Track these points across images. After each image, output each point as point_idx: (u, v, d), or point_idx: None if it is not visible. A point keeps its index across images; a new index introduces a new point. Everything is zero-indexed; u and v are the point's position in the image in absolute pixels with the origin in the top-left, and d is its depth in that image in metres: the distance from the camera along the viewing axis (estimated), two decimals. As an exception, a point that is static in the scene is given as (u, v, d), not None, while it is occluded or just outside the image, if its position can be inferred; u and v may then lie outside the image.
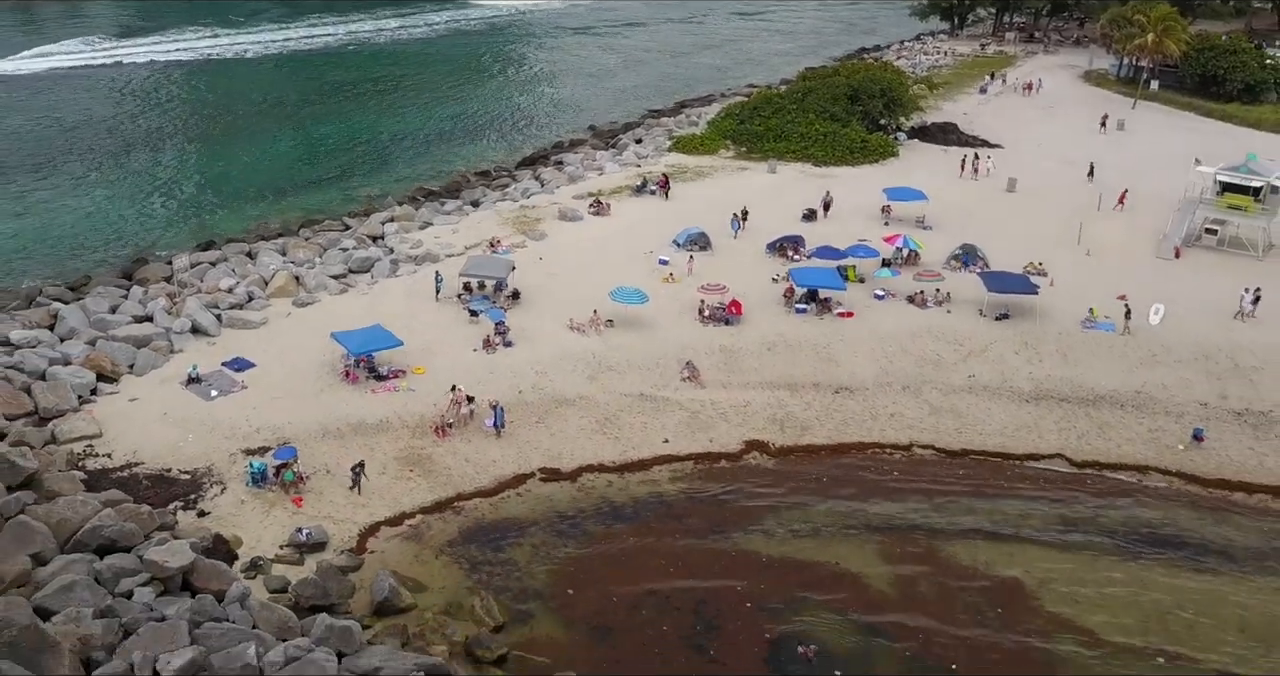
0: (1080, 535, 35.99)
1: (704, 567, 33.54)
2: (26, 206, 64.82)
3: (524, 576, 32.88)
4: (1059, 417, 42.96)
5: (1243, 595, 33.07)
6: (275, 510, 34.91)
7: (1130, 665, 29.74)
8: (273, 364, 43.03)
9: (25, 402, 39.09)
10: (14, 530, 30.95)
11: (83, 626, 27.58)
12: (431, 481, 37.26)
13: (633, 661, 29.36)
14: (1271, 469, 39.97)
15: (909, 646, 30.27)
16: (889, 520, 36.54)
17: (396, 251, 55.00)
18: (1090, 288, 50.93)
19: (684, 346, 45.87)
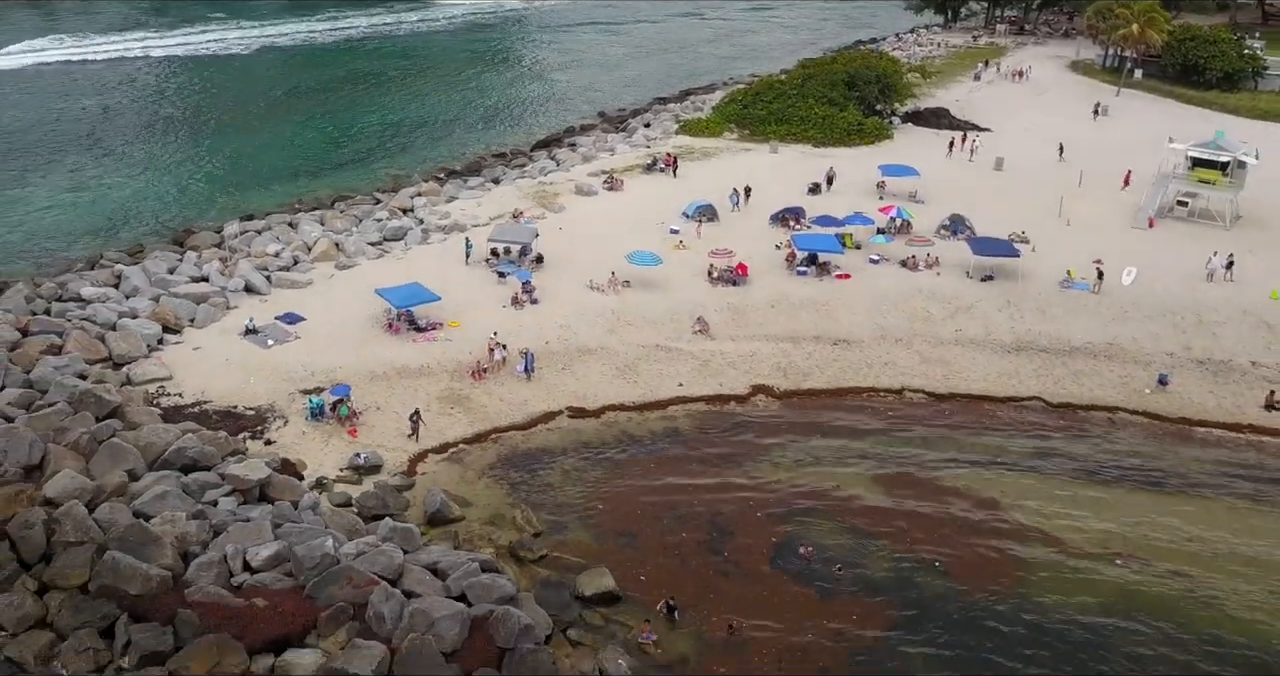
0: (1052, 463, 39.78)
1: (717, 488, 37.33)
2: (80, 183, 68.98)
3: (557, 494, 36.66)
4: (1037, 366, 46.74)
5: (1194, 509, 36.88)
6: (333, 440, 38.69)
7: (1090, 566, 33.49)
8: (321, 318, 46.79)
9: (101, 349, 42.87)
10: (109, 450, 34.74)
11: (178, 526, 31.40)
12: (471, 417, 41.04)
13: (655, 561, 33.12)
14: (1228, 408, 43.76)
15: (898, 548, 34.08)
16: (882, 452, 40.31)
17: (426, 222, 58.76)
18: (1069, 254, 54.59)
19: (695, 304, 49.64)
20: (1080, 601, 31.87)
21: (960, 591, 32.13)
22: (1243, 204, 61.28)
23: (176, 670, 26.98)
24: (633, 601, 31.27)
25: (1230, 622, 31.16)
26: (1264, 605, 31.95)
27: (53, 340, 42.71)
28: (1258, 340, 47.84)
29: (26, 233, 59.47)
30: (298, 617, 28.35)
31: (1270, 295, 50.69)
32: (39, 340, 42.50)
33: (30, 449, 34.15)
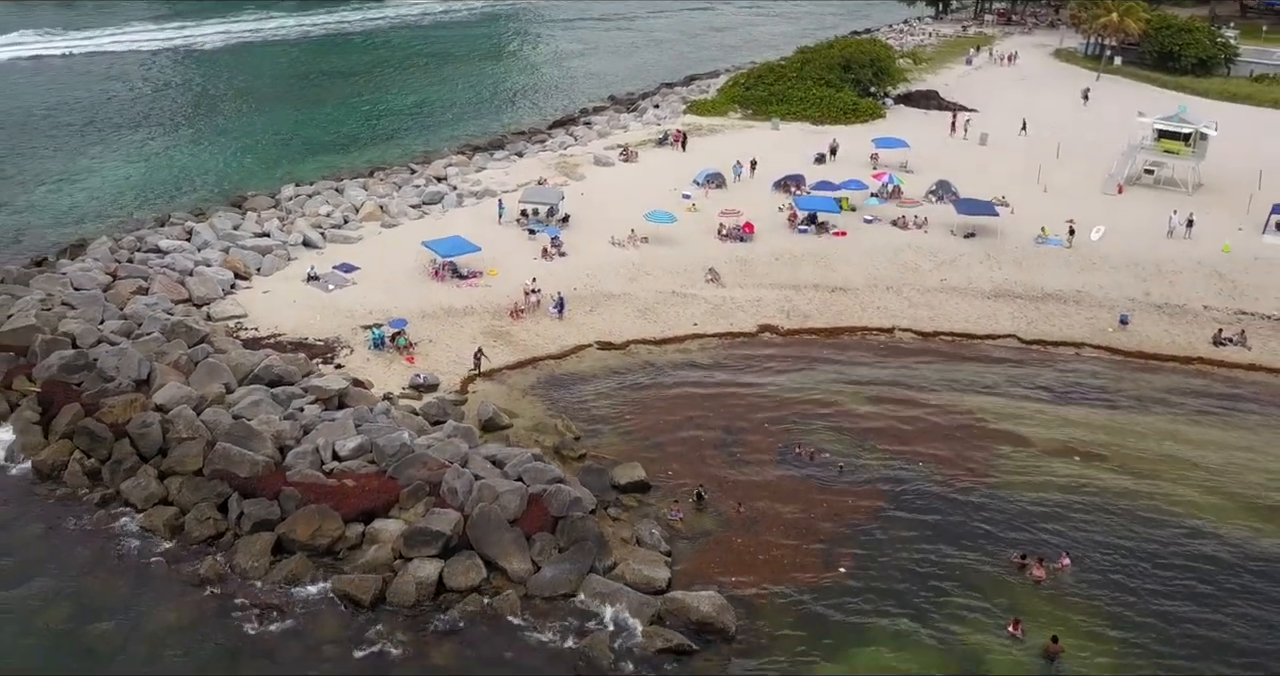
0: (1023, 387, 44.69)
1: (729, 403, 42.24)
2: (139, 156, 74.53)
3: (591, 408, 41.57)
4: (1013, 310, 51.61)
5: (1144, 423, 41.77)
6: (393, 365, 43.59)
7: (1051, 462, 38.47)
8: (374, 267, 51.64)
9: (183, 291, 47.79)
10: (206, 368, 39.67)
11: (273, 426, 36.35)
12: (511, 348, 45.94)
13: (679, 459, 38.00)
14: (1180, 344, 48.64)
15: (888, 450, 39.00)
16: (874, 377, 45.23)
17: (459, 188, 63.60)
18: (1045, 216, 59.37)
19: (706, 257, 54.49)
20: (1041, 484, 36.91)
21: (941, 479, 37.09)
22: (1204, 172, 66.13)
23: (284, 534, 31.92)
24: (660, 489, 36.16)
25: (1167, 505, 36.05)
26: (1193, 494, 36.80)
27: (140, 283, 47.66)
28: (1210, 287, 52.71)
29: (97, 198, 64.61)
30: (382, 494, 33.29)
31: (1223, 249, 55.56)
32: (128, 283, 47.46)
33: (139, 365, 39.12)
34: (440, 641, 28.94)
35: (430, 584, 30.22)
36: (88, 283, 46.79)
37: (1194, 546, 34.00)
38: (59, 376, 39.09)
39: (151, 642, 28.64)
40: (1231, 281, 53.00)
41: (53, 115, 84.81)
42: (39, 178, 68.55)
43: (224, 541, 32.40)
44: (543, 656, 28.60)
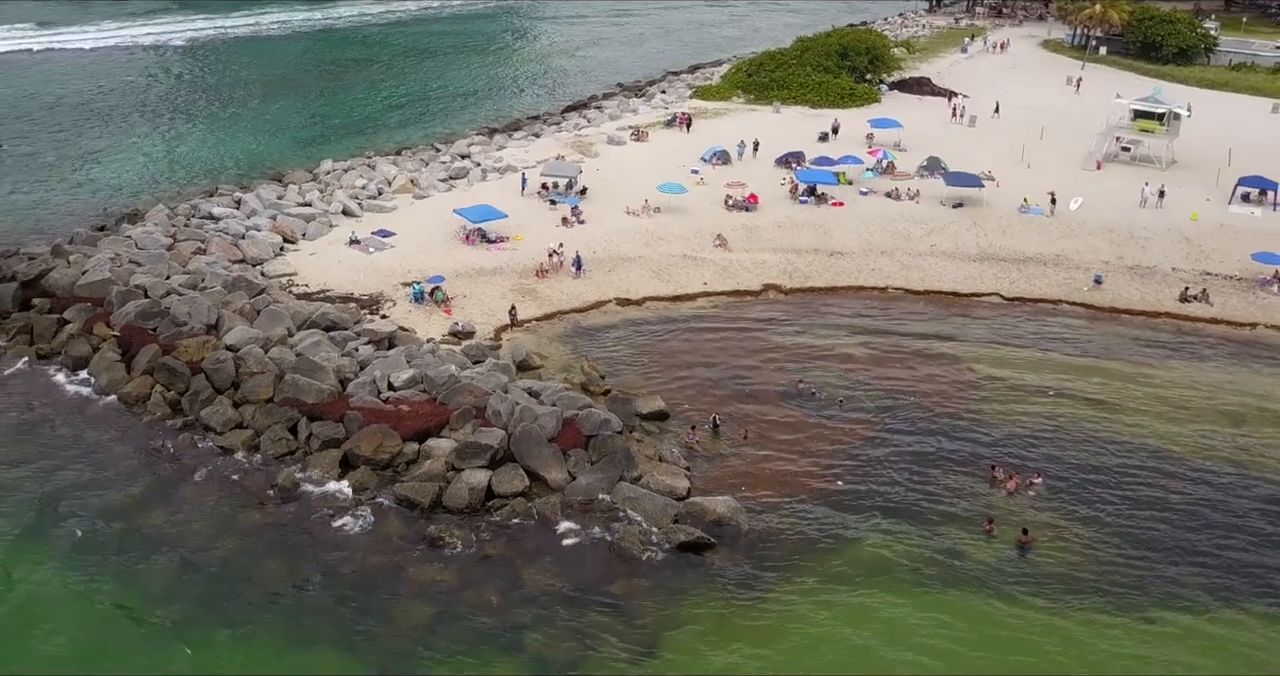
0: (1004, 336, 48.68)
1: (738, 350, 46.22)
2: (183, 137, 79.30)
3: (613, 353, 45.55)
4: (997, 272, 55.58)
5: (1112, 365, 45.75)
6: (433, 317, 47.52)
7: (1027, 397, 42.47)
8: (409, 233, 55.58)
9: (237, 252, 51.71)
10: (268, 314, 43.66)
11: (334, 362, 40.32)
12: (538, 303, 49.88)
13: (693, 395, 41.98)
14: (1150, 301, 52.59)
15: (881, 388, 43.00)
16: (869, 327, 49.20)
17: (483, 164, 67.55)
18: (1027, 188, 63.33)
19: (714, 225, 58.43)
20: (1017, 415, 40.95)
21: (927, 411, 41.13)
22: (1178, 150, 70.11)
23: (350, 450, 35.93)
24: (677, 419, 40.18)
25: (1130, 432, 40.04)
26: (1155, 423, 40.75)
27: (198, 245, 51.60)
28: (1178, 251, 56.69)
29: (145, 174, 68.83)
30: (434, 417, 37.29)
31: (1191, 217, 59.56)
32: (188, 245, 51.41)
33: (208, 312, 43.11)
34: (491, 537, 32.94)
35: (481, 490, 34.23)
36: (151, 244, 50.76)
37: (1153, 465, 37.98)
38: (136, 322, 43.07)
39: (240, 537, 32.63)
40: (1198, 246, 56.97)
41: (98, 101, 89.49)
42: (92, 156, 73.07)
43: (295, 457, 36.40)
44: (580, 548, 32.60)
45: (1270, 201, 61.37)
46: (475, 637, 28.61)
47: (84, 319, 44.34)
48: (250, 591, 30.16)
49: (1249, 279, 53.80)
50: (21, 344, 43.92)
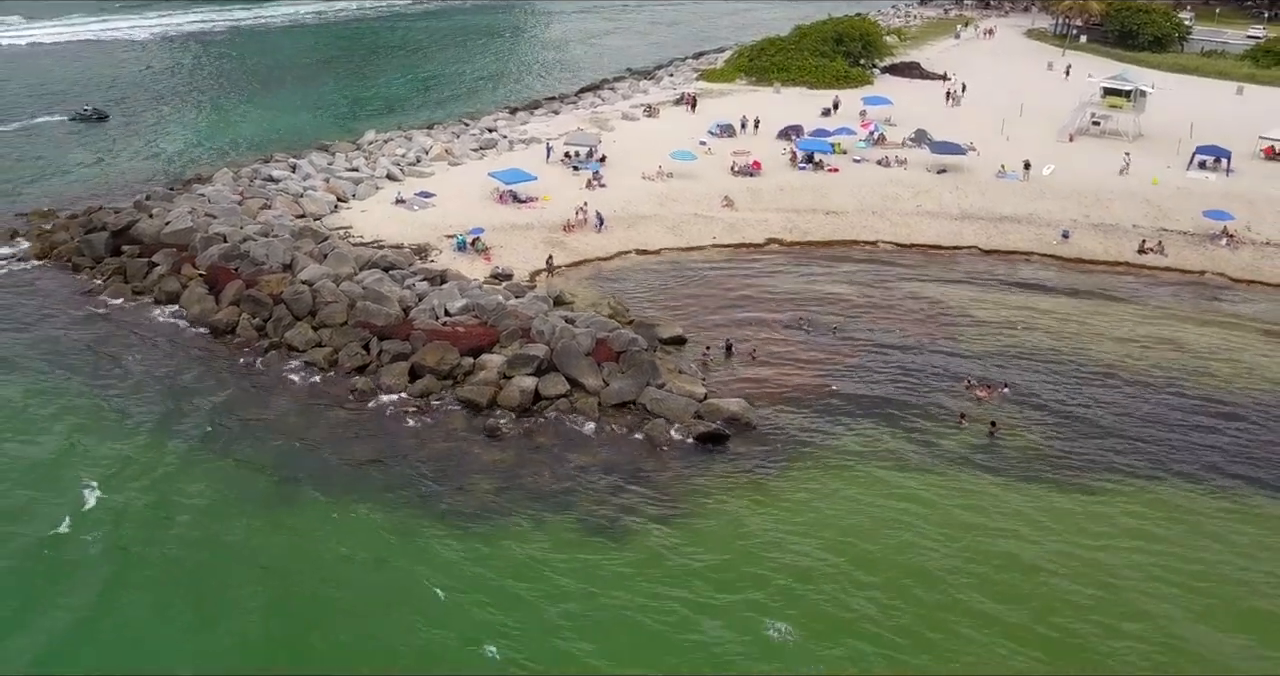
0: (980, 281, 54.20)
1: (744, 291, 51.74)
2: (233, 114, 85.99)
3: (634, 293, 51.01)
4: (976, 228, 61.09)
5: (1074, 305, 51.28)
6: (475, 263, 52.95)
7: (998, 329, 48.00)
8: (448, 194, 61.00)
9: (298, 208, 57.13)
10: (334, 256, 49.10)
11: (396, 293, 45.80)
12: (566, 253, 55.35)
13: (706, 327, 47.45)
14: (1111, 253, 58.12)
15: (869, 321, 48.55)
16: (860, 273, 54.76)
17: (509, 136, 73.03)
18: (1005, 156, 68.85)
19: (722, 188, 63.91)
20: (988, 342, 46.46)
21: (910, 339, 46.66)
22: (1145, 124, 75.64)
23: (416, 362, 41.46)
24: (694, 344, 45.71)
25: (1086, 357, 45.46)
26: (1108, 349, 46.29)
27: (263, 202, 57.02)
28: (1139, 211, 62.12)
29: (204, 145, 75.29)
30: (486, 337, 42.80)
31: (1152, 181, 65.09)
32: (254, 201, 56.87)
33: (283, 253, 48.58)
34: (539, 429, 38.51)
35: (530, 392, 39.75)
36: (222, 200, 56.25)
37: (1104, 379, 43.48)
38: (220, 263, 48.57)
39: (329, 428, 38.13)
40: (1157, 206, 62.46)
41: (152, 83, 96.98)
42: (154, 129, 79.99)
43: (369, 369, 41.92)
44: (616, 438, 38.14)
45: (1224, 168, 66.90)
46: (531, 501, 34.12)
47: (171, 261, 49.84)
48: (342, 468, 35.65)
49: (1200, 234, 59.33)
50: (118, 283, 49.42)
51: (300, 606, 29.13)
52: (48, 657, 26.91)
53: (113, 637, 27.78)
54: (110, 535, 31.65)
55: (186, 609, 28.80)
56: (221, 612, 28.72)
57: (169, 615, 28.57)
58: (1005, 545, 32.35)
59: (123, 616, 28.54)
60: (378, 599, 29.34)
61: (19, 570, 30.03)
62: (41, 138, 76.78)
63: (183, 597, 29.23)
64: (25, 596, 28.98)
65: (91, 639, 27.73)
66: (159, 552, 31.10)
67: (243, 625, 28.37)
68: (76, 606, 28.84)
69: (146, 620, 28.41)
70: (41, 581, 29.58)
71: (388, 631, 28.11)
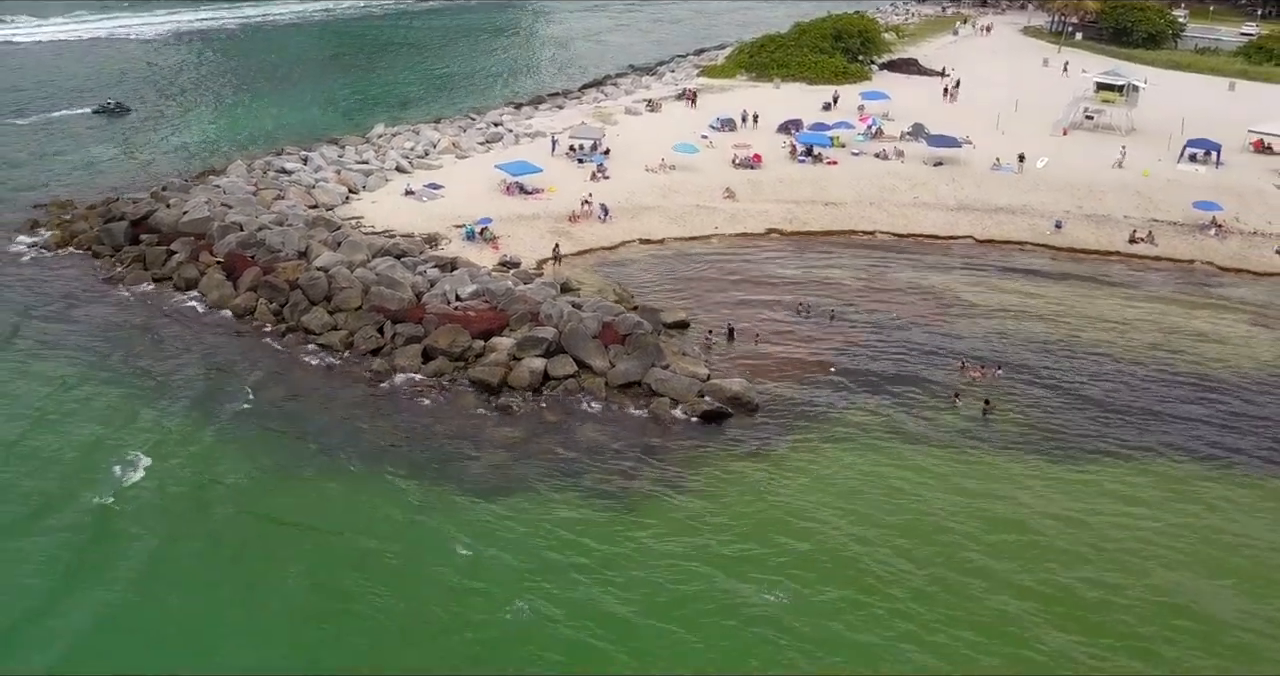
0: (975, 270, 55.52)
1: (746, 278, 53.08)
2: (243, 109, 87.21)
3: (638, 280, 52.35)
4: (972, 219, 62.46)
5: (1066, 292, 52.64)
6: (483, 251, 54.30)
7: (991, 314, 49.36)
8: (456, 186, 62.36)
9: (310, 199, 58.49)
10: (348, 244, 50.42)
11: (409, 279, 47.16)
12: (572, 242, 56.65)
13: (709, 312, 48.87)
14: (1103, 242, 59.47)
15: (869, 307, 49.92)
16: (858, 262, 56.09)
17: (515, 130, 74.34)
18: (1001, 150, 70.21)
19: (723, 180, 65.27)
20: (982, 328, 47.83)
21: (906, 324, 48.04)
22: (1137, 119, 76.98)
23: (429, 345, 42.83)
24: (697, 327, 47.09)
25: (1077, 341, 46.87)
26: (1099, 333, 47.67)
27: (277, 192, 58.38)
28: (1130, 202, 63.51)
29: (216, 138, 76.86)
30: (496, 320, 44.17)
31: (1143, 173, 66.45)
32: (269, 192, 58.23)
33: (298, 241, 49.95)
34: (549, 408, 39.91)
35: (539, 373, 41.12)
36: (237, 191, 57.59)
37: (1094, 361, 44.88)
38: (237, 250, 49.94)
39: (346, 407, 39.51)
40: (1148, 197, 63.84)
41: (162, 79, 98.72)
42: (167, 123, 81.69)
43: (384, 351, 43.28)
44: (622, 416, 39.54)
45: (1213, 160, 68.26)
46: (543, 473, 35.51)
47: (189, 249, 51.19)
48: (364, 440, 37.09)
49: (1190, 224, 60.69)
50: (137, 270, 50.80)
51: (336, 563, 30.63)
52: (106, 614, 28.27)
53: (165, 595, 29.19)
54: (155, 501, 33.27)
55: (231, 571, 30.29)
56: (264, 570, 30.28)
57: (214, 576, 30.03)
58: (1001, 509, 33.81)
59: (173, 576, 29.98)
60: (407, 555, 30.87)
61: (72, 536, 31.41)
62: (58, 131, 78.24)
63: (226, 560, 30.72)
64: (81, 558, 30.40)
65: (146, 597, 29.11)
66: (201, 517, 32.66)
67: (286, 579, 29.93)
68: (131, 567, 30.28)
69: (195, 579, 29.88)
70: (95, 544, 31.05)
71: (419, 584, 29.63)
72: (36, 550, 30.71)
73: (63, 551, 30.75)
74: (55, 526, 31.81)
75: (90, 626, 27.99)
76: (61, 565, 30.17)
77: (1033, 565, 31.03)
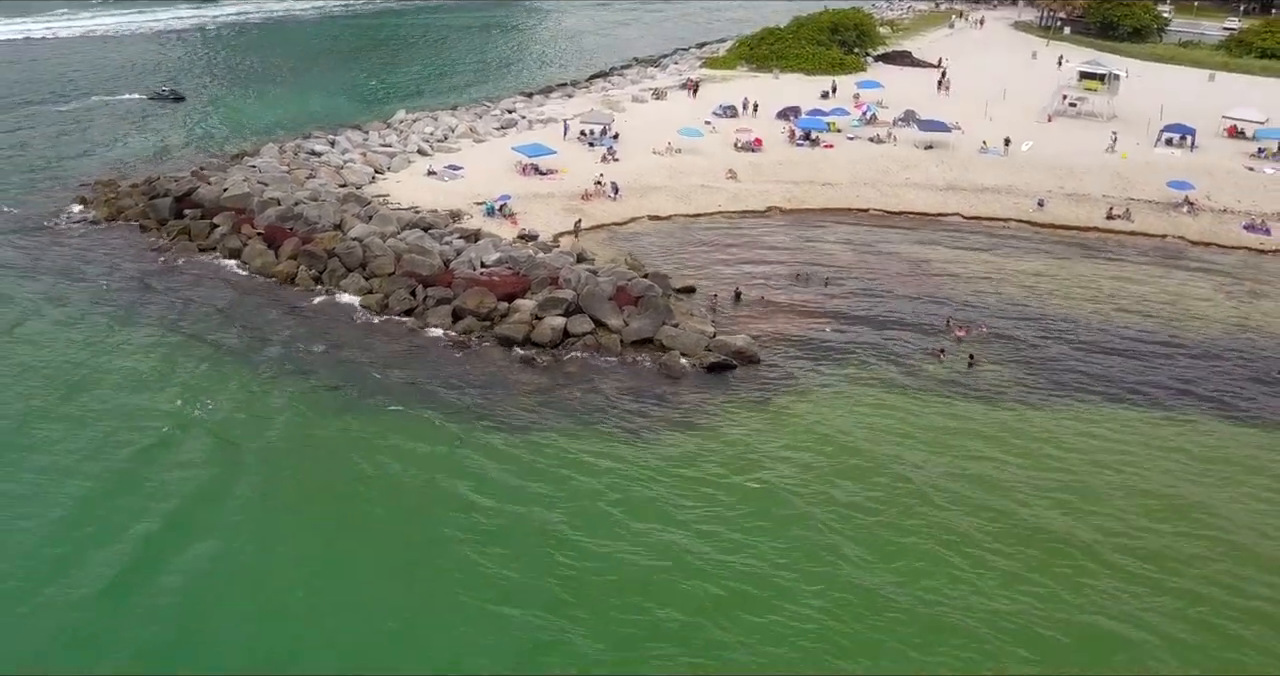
0: (962, 243, 58.96)
1: (748, 251, 56.48)
2: (270, 98, 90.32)
3: (648, 251, 55.69)
4: (960, 198, 65.88)
5: (1046, 261, 56.15)
6: (503, 226, 57.57)
7: (977, 282, 52.81)
8: (475, 167, 65.68)
9: (339, 178, 61.86)
10: (379, 218, 53.80)
11: (437, 248, 50.58)
12: (585, 218, 59.97)
13: (714, 279, 52.28)
14: (1082, 218, 62.89)
15: (861, 276, 53.33)
16: (853, 236, 59.54)
17: (528, 117, 77.75)
18: (988, 135, 73.63)
19: (726, 162, 68.67)
20: (968, 293, 51.25)
21: (897, 289, 51.49)
22: (1119, 107, 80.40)
23: (458, 306, 46.25)
24: (704, 292, 50.52)
25: (1055, 306, 50.36)
26: (1076, 300, 51.10)
27: (309, 172, 61.76)
28: (1109, 182, 66.90)
29: (245, 125, 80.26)
30: (519, 284, 47.51)
31: (1122, 156, 69.89)
32: (301, 172, 61.59)
33: (334, 214, 53.36)
34: (569, 360, 43.32)
35: (559, 330, 44.53)
36: (272, 170, 60.98)
37: (1069, 322, 48.28)
38: (276, 223, 53.32)
39: (385, 358, 42.87)
40: (1125, 178, 67.26)
41: (191, 68, 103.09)
42: (195, 110, 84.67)
43: (416, 312, 46.72)
44: (636, 368, 42.94)
45: (1188, 144, 71.68)
46: (564, 416, 38.88)
47: (231, 222, 54.59)
48: (402, 386, 40.44)
49: (1164, 202, 64.13)
50: (183, 241, 54.22)
51: (380, 493, 33.86)
52: (178, 535, 31.56)
53: (226, 514, 32.62)
54: (215, 436, 36.58)
55: (287, 497, 33.68)
56: (314, 497, 33.60)
57: (269, 502, 33.41)
58: (984, 449, 37.08)
59: (232, 501, 33.36)
60: (446, 486, 34.16)
61: (139, 468, 34.73)
62: (100, 116, 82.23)
63: (280, 489, 34.07)
64: (149, 486, 33.78)
65: (210, 517, 32.50)
66: (257, 451, 35.98)
67: (336, 504, 33.24)
68: (194, 494, 33.60)
69: (251, 503, 33.27)
70: (163, 475, 34.37)
71: (456, 511, 32.92)
72: (96, 482, 33.79)
73: (135, 476, 34.09)
74: (124, 454, 35.15)
75: (164, 535, 31.26)
76: (138, 489, 33.51)
77: (1010, 497, 34.32)
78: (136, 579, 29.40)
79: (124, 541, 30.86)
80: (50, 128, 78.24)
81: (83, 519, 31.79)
